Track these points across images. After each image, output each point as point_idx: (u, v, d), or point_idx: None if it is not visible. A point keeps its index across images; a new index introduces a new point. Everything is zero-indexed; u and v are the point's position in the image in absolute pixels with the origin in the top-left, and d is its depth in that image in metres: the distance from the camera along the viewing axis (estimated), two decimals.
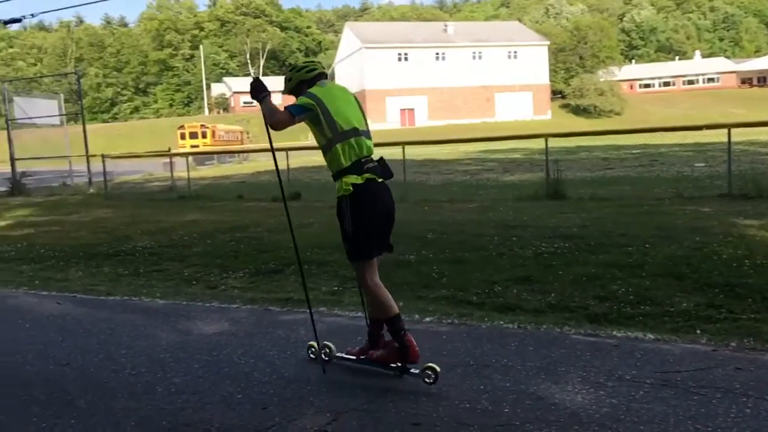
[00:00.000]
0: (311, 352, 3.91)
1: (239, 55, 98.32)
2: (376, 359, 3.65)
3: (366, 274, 3.61)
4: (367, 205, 3.51)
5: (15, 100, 21.00)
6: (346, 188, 3.48)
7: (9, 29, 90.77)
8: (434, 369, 3.37)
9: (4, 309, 5.62)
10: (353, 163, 3.49)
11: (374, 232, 3.58)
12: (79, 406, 3.40)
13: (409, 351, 3.46)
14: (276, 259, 7.03)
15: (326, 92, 3.58)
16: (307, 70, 3.69)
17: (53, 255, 8.19)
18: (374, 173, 3.54)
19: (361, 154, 3.52)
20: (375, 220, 3.57)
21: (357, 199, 3.48)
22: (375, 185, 3.53)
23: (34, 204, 15.30)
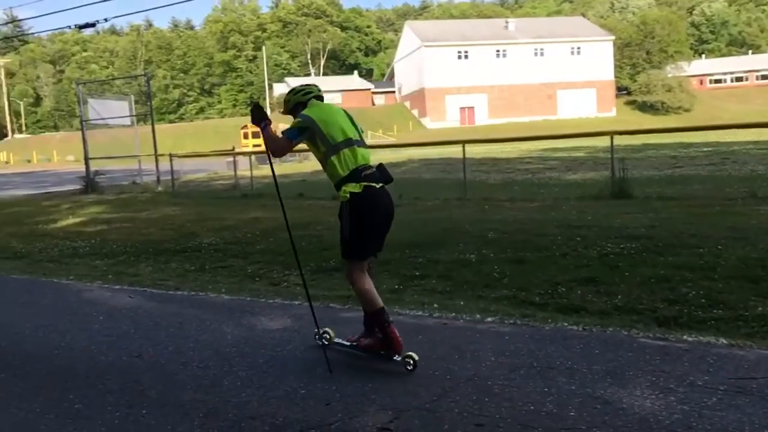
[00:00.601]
0: (317, 337, 4.16)
1: (300, 55, 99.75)
2: (364, 347, 3.96)
3: (354, 272, 3.86)
4: (364, 213, 3.75)
5: (89, 102, 21.88)
6: (344, 196, 3.74)
7: (83, 34, 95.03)
8: (413, 357, 3.69)
9: (81, 302, 5.87)
10: (351, 172, 3.73)
11: (369, 237, 3.85)
12: (150, 396, 3.52)
13: (392, 342, 3.75)
14: (337, 257, 7.02)
15: (317, 110, 3.85)
16: (303, 93, 4.01)
17: (125, 250, 8.50)
18: (372, 180, 3.76)
19: (357, 163, 3.75)
20: (371, 226, 3.82)
21: (355, 206, 3.72)
22: (372, 193, 3.75)
23: (107, 201, 15.92)
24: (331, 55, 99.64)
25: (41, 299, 6.08)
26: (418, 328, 4.54)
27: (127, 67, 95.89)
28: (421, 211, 10.63)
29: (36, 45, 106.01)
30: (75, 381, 3.81)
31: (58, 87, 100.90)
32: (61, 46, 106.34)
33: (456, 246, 7.20)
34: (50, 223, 11.89)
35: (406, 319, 4.80)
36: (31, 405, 3.47)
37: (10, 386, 3.78)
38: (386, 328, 3.75)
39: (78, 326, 5.02)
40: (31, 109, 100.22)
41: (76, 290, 6.44)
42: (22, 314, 5.48)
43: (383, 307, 3.81)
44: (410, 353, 3.71)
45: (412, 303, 5.20)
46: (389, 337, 3.74)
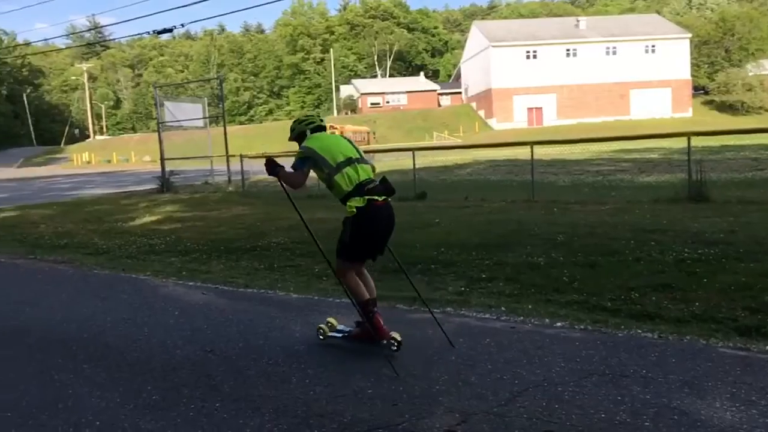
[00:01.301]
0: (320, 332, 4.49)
1: (367, 57, 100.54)
2: (353, 336, 4.36)
3: (345, 270, 4.28)
4: (366, 226, 4.12)
5: (165, 105, 22.69)
6: (351, 211, 4.08)
7: (161, 39, 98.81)
8: (396, 338, 4.10)
9: (157, 297, 6.10)
10: (355, 187, 4.08)
11: (365, 246, 4.23)
12: (222, 390, 3.62)
13: (377, 329, 4.16)
14: (402, 258, 7.06)
15: (315, 140, 4.27)
16: (306, 123, 4.46)
17: (197, 248, 8.77)
18: (375, 193, 4.09)
19: (359, 178, 4.10)
20: (371, 237, 4.21)
21: (358, 219, 4.07)
22: (375, 207, 4.09)
23: (181, 201, 16.48)
24: (398, 57, 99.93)
25: (120, 294, 6.35)
26: (485, 330, 4.50)
27: (201, 71, 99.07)
28: (487, 212, 10.52)
29: (116, 50, 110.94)
30: (152, 373, 3.96)
31: (136, 90, 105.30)
32: (140, 51, 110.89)
33: (523, 248, 7.09)
34: (128, 220, 12.41)
35: (473, 321, 4.77)
36: (112, 395, 3.63)
37: (92, 376, 3.97)
38: (372, 317, 4.18)
39: (154, 321, 5.22)
40: (112, 112, 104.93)
41: (152, 286, 6.69)
42: (104, 308, 5.74)
43: (369, 299, 4.24)
44: (394, 335, 4.12)
45: (478, 305, 5.15)
46: (374, 325, 4.16)
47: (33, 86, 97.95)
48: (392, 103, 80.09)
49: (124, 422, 3.26)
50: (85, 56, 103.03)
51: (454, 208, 11.40)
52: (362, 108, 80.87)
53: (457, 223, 9.42)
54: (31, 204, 18.22)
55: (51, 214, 14.69)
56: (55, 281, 7.29)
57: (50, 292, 6.66)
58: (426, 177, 17.40)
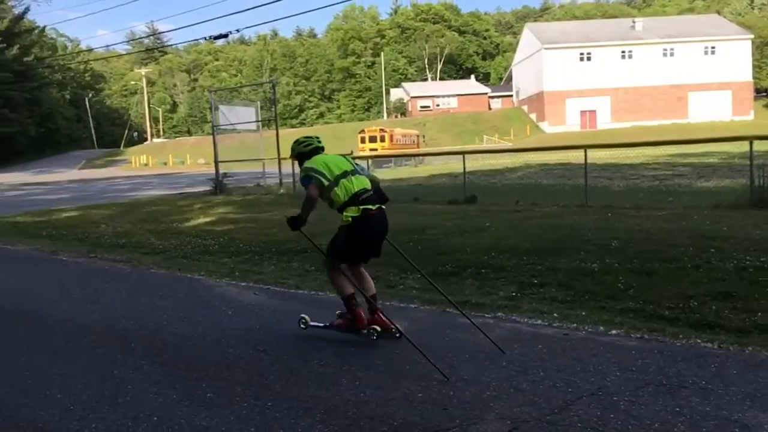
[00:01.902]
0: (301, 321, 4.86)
1: (417, 60, 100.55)
2: (335, 326, 4.72)
3: (334, 267, 4.69)
4: (360, 233, 4.46)
5: (220, 108, 23.20)
6: (347, 220, 4.43)
7: (216, 44, 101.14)
8: (375, 329, 4.52)
9: (211, 296, 6.24)
10: (351, 198, 4.41)
11: (357, 251, 4.60)
12: (275, 390, 3.68)
13: (357, 320, 4.58)
14: (452, 262, 7.07)
15: (315, 161, 4.60)
16: (305, 145, 4.77)
17: (250, 249, 8.92)
18: (369, 202, 4.43)
19: (354, 189, 4.44)
20: (363, 243, 4.56)
21: (354, 227, 4.42)
22: (370, 215, 4.43)
23: (233, 202, 16.80)
24: (448, 60, 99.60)
25: (177, 293, 6.52)
26: (537, 336, 4.44)
27: (254, 75, 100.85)
28: (538, 217, 10.37)
29: (173, 55, 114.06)
30: (207, 371, 4.05)
31: (192, 94, 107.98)
32: (196, 56, 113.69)
33: (576, 254, 6.96)
34: (184, 221, 12.72)
35: (524, 327, 4.71)
36: (169, 391, 3.73)
37: (150, 373, 4.08)
38: (354, 309, 4.60)
39: (209, 319, 5.34)
40: (168, 115, 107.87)
41: (207, 285, 6.85)
42: (160, 306, 5.90)
43: (353, 293, 4.62)
44: (374, 326, 4.53)
45: (530, 311, 5.08)
46: (355, 316, 4.58)
47: (95, 91, 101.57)
48: (442, 106, 79.86)
49: (180, 418, 3.34)
50: (143, 61, 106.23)
51: (504, 212, 11.28)
52: (412, 111, 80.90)
53: (507, 228, 9.32)
54: (92, 204, 18.88)
55: (110, 214, 15.20)
56: (115, 279, 7.54)
57: (110, 289, 6.89)
58: (476, 180, 17.29)
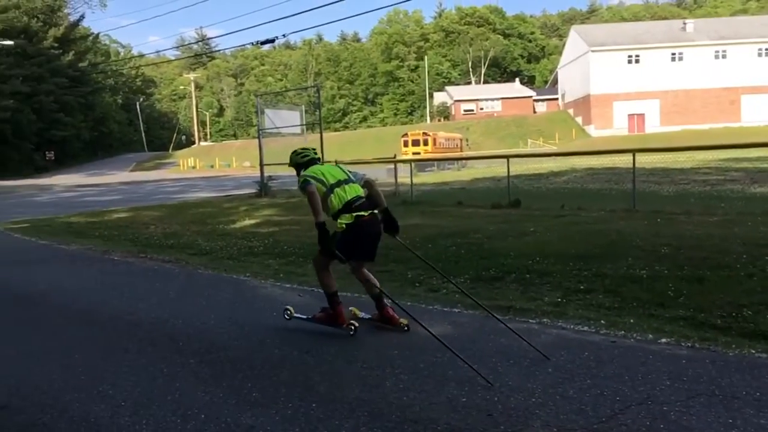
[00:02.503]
0: (286, 313, 5.28)
1: (461, 63, 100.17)
2: (317, 319, 5.09)
3: (319, 263, 5.05)
4: (354, 237, 4.77)
5: (265, 112, 23.54)
6: (341, 226, 4.75)
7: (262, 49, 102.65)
8: (353, 324, 4.85)
9: (256, 297, 6.32)
10: (344, 205, 4.75)
11: (353, 253, 4.85)
12: (319, 391, 3.70)
13: (338, 317, 4.96)
14: (496, 266, 7.01)
15: (312, 170, 4.95)
16: (302, 156, 5.15)
17: (294, 251, 9.02)
18: (362, 209, 4.77)
19: (347, 197, 4.78)
20: (356, 246, 4.83)
21: (347, 233, 4.75)
22: (362, 221, 4.76)
23: (278, 205, 17.02)
24: (493, 63, 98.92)
25: (223, 293, 6.63)
26: (583, 343, 4.36)
27: (299, 79, 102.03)
28: (584, 222, 10.20)
29: (221, 61, 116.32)
30: (252, 371, 4.11)
31: (238, 99, 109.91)
32: (243, 61, 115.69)
33: (624, 260, 6.82)
34: (230, 223, 12.95)
35: (570, 333, 4.63)
36: (216, 390, 3.80)
37: (198, 371, 4.16)
38: (335, 306, 4.98)
39: (254, 320, 5.41)
40: (215, 119, 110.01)
41: (252, 286, 6.95)
42: (207, 306, 6.01)
43: (336, 291, 5.03)
44: (352, 322, 4.88)
45: (576, 317, 5.00)
46: (337, 313, 4.96)
47: (145, 95, 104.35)
48: (486, 109, 79.35)
49: (227, 417, 3.39)
50: (192, 67, 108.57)
51: (549, 216, 11.13)
52: (455, 115, 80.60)
53: (552, 232, 9.19)
54: (142, 206, 19.39)
55: (160, 215, 15.58)
56: (164, 279, 7.71)
57: (159, 289, 7.05)
58: (520, 184, 17.12)
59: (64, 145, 69.27)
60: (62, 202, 24.59)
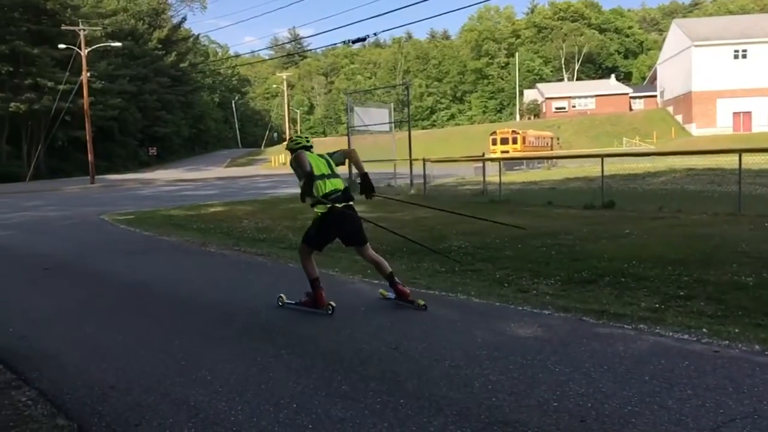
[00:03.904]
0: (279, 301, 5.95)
1: (554, 60, 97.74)
2: (302, 303, 5.76)
3: (304, 252, 5.85)
4: (326, 225, 5.61)
5: (355, 110, 23.88)
6: (316, 214, 5.61)
7: (352, 48, 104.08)
8: (331, 304, 5.55)
9: (345, 293, 6.42)
10: (324, 196, 5.50)
11: (324, 239, 5.79)
12: (407, 388, 3.72)
13: (318, 301, 5.61)
14: (589, 269, 6.81)
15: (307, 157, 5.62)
16: (294, 143, 5.85)
17: (381, 248, 9.05)
18: (336, 201, 5.52)
19: (325, 190, 5.53)
20: (329, 233, 5.75)
21: (321, 221, 5.60)
22: (334, 212, 5.52)
23: (365, 202, 17.11)
24: (587, 59, 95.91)
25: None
26: (683, 352, 4.16)
27: (388, 77, 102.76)
28: (684, 225, 9.73)
29: (312, 59, 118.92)
30: (341, 364, 4.18)
31: (328, 97, 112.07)
32: (333, 59, 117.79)
33: (728, 266, 6.45)
34: None
35: (669, 341, 4.42)
36: (306, 381, 3.89)
37: (289, 362, 4.28)
38: (317, 291, 5.64)
39: (343, 315, 5.50)
40: (306, 117, 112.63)
41: (340, 282, 7.07)
42: (298, 299, 6.15)
43: (317, 277, 5.71)
44: (330, 303, 5.54)
45: (675, 324, 4.77)
46: (317, 296, 5.63)
47: (240, 94, 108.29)
48: (579, 107, 77.03)
49: (317, 408, 3.47)
50: (285, 66, 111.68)
51: (646, 219, 10.69)
52: (546, 113, 78.75)
53: (649, 236, 8.82)
54: (236, 201, 20.14)
55: (252, 210, 16.13)
56: (256, 272, 7.98)
57: (253, 281, 7.30)
58: (614, 185, 16.51)
59: (165, 142, 72.97)
60: (163, 196, 25.94)
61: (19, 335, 5.29)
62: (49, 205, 22.92)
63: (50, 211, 19.86)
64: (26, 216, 18.13)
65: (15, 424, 3.46)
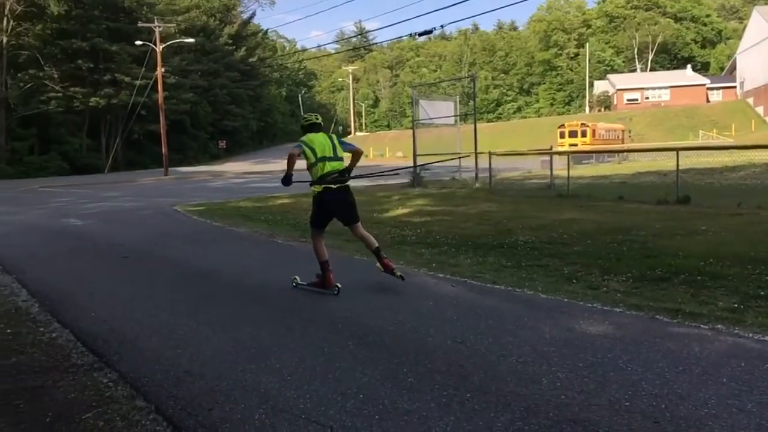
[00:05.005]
0: (293, 282, 6.47)
1: (626, 50, 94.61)
2: (313, 284, 6.27)
3: (314, 235, 6.41)
4: (321, 205, 6.26)
5: (420, 103, 23.83)
6: (314, 193, 6.24)
7: (417, 40, 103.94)
8: (337, 286, 6.06)
9: (409, 285, 6.41)
10: (320, 177, 6.08)
11: (323, 218, 6.38)
12: (473, 382, 3.70)
13: (327, 281, 6.12)
14: (662, 266, 6.59)
15: (309, 138, 6.18)
16: (305, 120, 6.41)
17: (445, 242, 9.06)
18: (331, 183, 6.09)
19: (324, 171, 6.08)
20: (326, 212, 6.32)
21: (317, 200, 6.26)
22: (329, 192, 6.14)
23: (430, 195, 17.19)
24: (661, 49, 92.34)
25: (377, 280, 6.78)
26: (765, 355, 3.99)
27: (453, 70, 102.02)
28: (765, 222, 9.28)
29: (378, 53, 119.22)
30: (407, 356, 4.19)
31: (393, 90, 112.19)
32: (398, 52, 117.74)
33: None
34: (383, 212, 13.29)
35: (749, 342, 4.24)
36: (373, 372, 3.93)
37: (356, 353, 4.33)
38: (325, 272, 6.15)
39: (408, 308, 5.52)
40: (370, 110, 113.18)
41: (405, 274, 7.04)
42: (363, 291, 6.22)
43: (327, 260, 6.21)
44: (336, 284, 6.06)
45: (756, 325, 4.57)
46: (325, 277, 6.13)
47: (307, 87, 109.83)
48: (652, 99, 74.35)
49: (384, 399, 3.50)
50: (350, 59, 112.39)
51: (724, 215, 10.25)
52: (617, 104, 76.37)
53: (727, 232, 8.46)
54: (301, 193, 20.38)
55: None
56: None
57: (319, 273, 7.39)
58: (689, 179, 15.87)
59: (235, 135, 74.86)
60: (232, 188, 26.64)
61: (100, 319, 5.56)
62: (125, 195, 23.92)
63: (126, 201, 20.73)
64: (105, 206, 18.98)
65: (97, 404, 3.64)
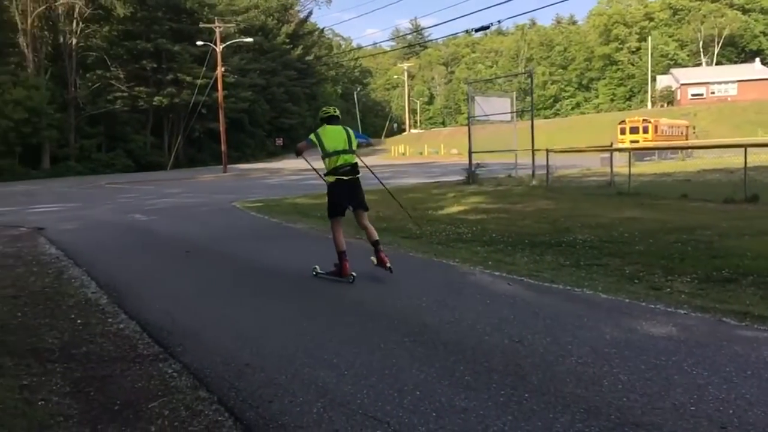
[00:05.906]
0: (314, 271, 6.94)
1: (690, 43, 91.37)
2: (331, 273, 6.71)
3: (333, 226, 6.77)
4: (333, 195, 6.73)
5: (475, 99, 23.63)
6: (327, 182, 6.68)
7: (473, 36, 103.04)
8: (353, 274, 6.47)
9: (465, 283, 6.41)
10: (333, 169, 6.55)
11: (337, 207, 6.77)
12: (531, 382, 3.66)
13: (342, 270, 6.53)
14: (729, 267, 6.36)
15: (321, 131, 6.63)
16: (323, 112, 6.84)
17: (502, 240, 8.97)
18: (343, 174, 6.54)
19: (337, 164, 6.53)
20: (338, 202, 6.73)
21: (330, 190, 6.74)
22: (340, 182, 6.58)
23: (485, 192, 17.02)
24: (728, 42, 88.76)
25: (433, 277, 6.83)
26: None
27: (509, 66, 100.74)
28: None
29: (433, 49, 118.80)
30: (464, 354, 4.18)
31: (448, 87, 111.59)
32: (454, 49, 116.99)
33: None
34: (438, 209, 13.26)
35: None
36: (429, 369, 3.93)
37: (413, 350, 4.34)
38: (341, 262, 6.54)
39: (464, 305, 5.49)
40: (425, 107, 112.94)
41: (461, 272, 7.04)
42: (420, 289, 6.22)
43: (344, 251, 6.57)
44: (352, 273, 6.49)
45: None
46: (342, 267, 6.53)
47: (362, 85, 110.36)
48: (718, 93, 71.60)
49: (440, 396, 3.50)
50: (406, 56, 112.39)
51: None
52: (681, 100, 73.87)
53: None
54: None
55: (374, 199, 16.29)
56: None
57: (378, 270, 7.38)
58: (758, 177, 15.24)
59: (291, 132, 75.89)
60: (289, 185, 27.04)
61: (164, 312, 5.74)
62: (186, 192, 24.60)
63: (187, 197, 21.32)
64: (167, 202, 19.58)
65: (163, 394, 3.77)
